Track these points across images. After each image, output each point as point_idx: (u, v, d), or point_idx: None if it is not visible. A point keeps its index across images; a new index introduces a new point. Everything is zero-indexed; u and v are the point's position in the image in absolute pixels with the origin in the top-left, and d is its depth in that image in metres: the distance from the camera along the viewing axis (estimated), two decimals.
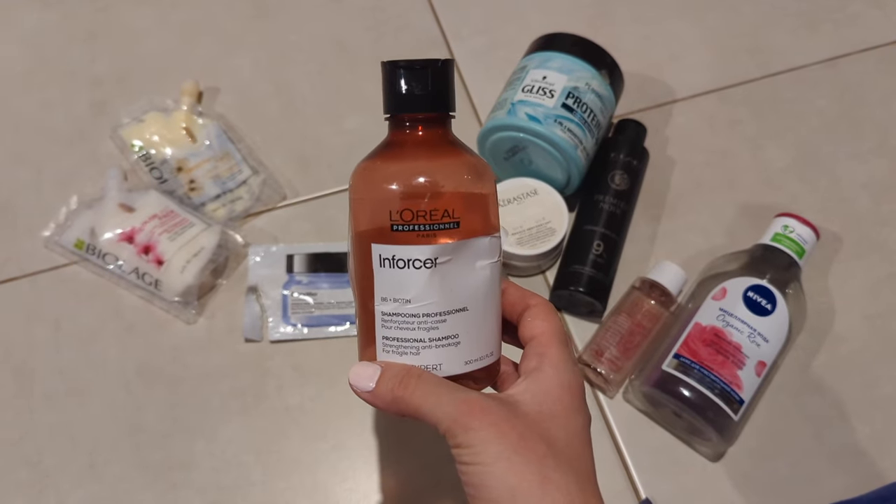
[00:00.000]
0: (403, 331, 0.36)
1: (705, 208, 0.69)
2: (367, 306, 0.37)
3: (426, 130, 0.37)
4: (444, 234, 0.36)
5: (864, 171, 0.71)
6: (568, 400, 0.36)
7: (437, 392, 0.35)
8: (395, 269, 0.36)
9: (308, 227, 0.68)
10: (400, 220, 0.35)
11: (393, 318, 0.36)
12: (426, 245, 0.35)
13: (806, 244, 0.61)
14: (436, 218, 0.35)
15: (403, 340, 0.36)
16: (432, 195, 0.35)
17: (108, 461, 0.58)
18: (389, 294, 0.36)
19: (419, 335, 0.36)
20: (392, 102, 0.37)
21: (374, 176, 0.37)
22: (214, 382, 0.61)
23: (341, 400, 0.61)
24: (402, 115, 0.37)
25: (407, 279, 0.35)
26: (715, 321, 0.58)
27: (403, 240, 0.35)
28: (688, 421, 0.57)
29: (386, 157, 0.37)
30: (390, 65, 0.37)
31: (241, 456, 0.59)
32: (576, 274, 0.62)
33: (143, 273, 0.63)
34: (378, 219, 0.36)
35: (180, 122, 0.70)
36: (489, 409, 0.34)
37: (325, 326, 0.64)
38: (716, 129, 0.74)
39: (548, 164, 0.64)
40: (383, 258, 0.36)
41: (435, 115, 0.37)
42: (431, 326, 0.36)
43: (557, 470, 0.34)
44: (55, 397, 0.61)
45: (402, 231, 0.35)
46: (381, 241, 0.36)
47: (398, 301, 0.36)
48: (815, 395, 0.62)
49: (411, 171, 0.36)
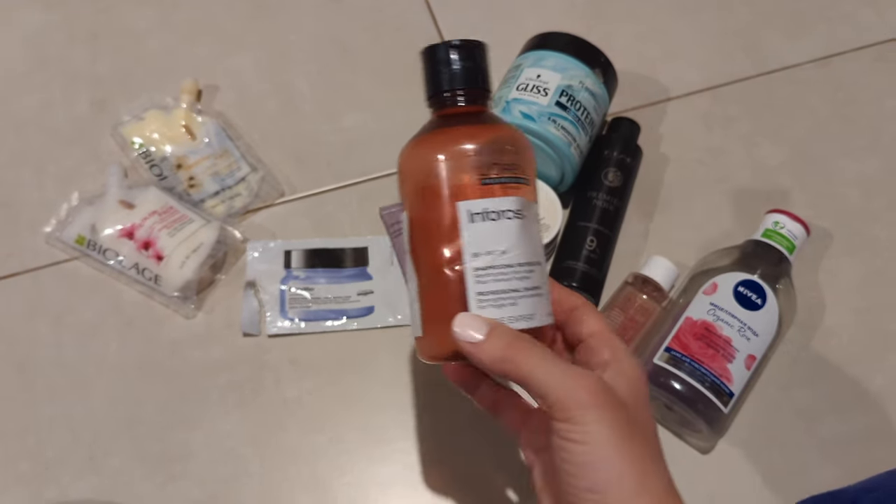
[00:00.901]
0: (500, 282, 0.37)
1: (698, 205, 0.70)
2: (441, 273, 0.38)
3: (473, 105, 0.40)
4: (523, 189, 0.38)
5: (855, 169, 0.72)
6: (646, 390, 0.38)
7: (551, 361, 0.35)
8: (487, 221, 0.37)
9: (306, 224, 0.69)
10: (490, 173, 0.37)
11: (489, 272, 0.37)
12: (514, 196, 0.37)
13: (796, 240, 0.62)
14: (517, 171, 0.38)
15: (501, 292, 0.37)
16: (513, 150, 0.38)
17: (108, 453, 0.59)
18: (483, 248, 0.37)
19: (515, 285, 0.37)
20: (441, 81, 0.40)
21: (448, 139, 0.38)
22: (213, 376, 0.62)
23: (339, 393, 0.62)
24: (455, 91, 0.40)
25: (501, 230, 0.37)
26: (706, 315, 0.59)
27: (493, 193, 0.37)
28: (679, 414, 0.58)
29: (454, 127, 0.39)
30: (444, 45, 0.40)
31: (239, 448, 0.60)
32: (569, 269, 0.63)
33: (143, 268, 0.64)
34: (460, 178, 0.37)
35: (180, 119, 0.71)
36: (603, 391, 0.35)
37: (322, 321, 0.64)
38: (709, 127, 0.74)
39: (542, 162, 0.65)
40: (474, 213, 0.37)
41: (480, 90, 0.40)
42: (525, 275, 0.37)
43: (654, 461, 0.35)
44: (56, 391, 0.62)
45: (491, 184, 0.37)
46: (473, 197, 0.37)
47: (493, 253, 0.37)
48: (805, 388, 0.62)
49: (492, 132, 0.38)
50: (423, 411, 0.61)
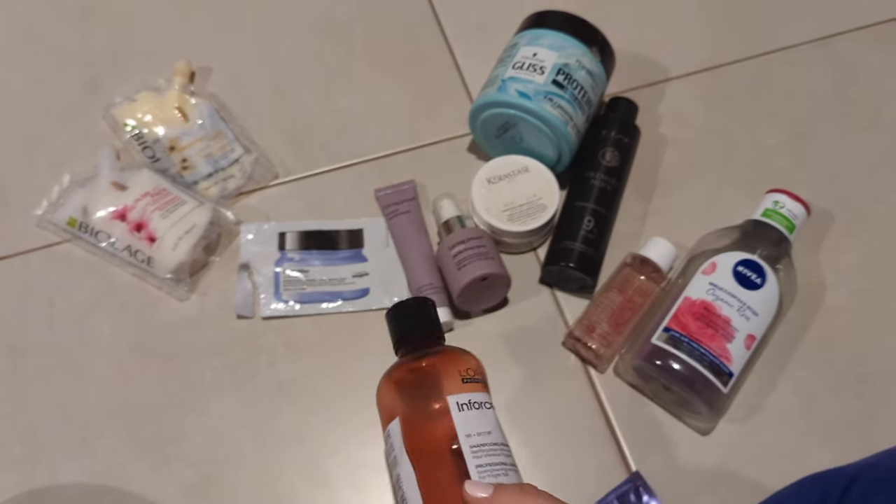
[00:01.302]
0: (492, 456, 0.45)
1: (697, 186, 0.70)
2: (438, 458, 0.45)
3: (429, 344, 0.52)
4: (483, 387, 0.49)
5: (856, 149, 0.71)
6: None
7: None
8: (473, 410, 0.47)
9: (300, 206, 0.68)
10: (468, 374, 0.49)
11: (482, 448, 0.45)
12: (484, 392, 0.49)
13: (796, 219, 0.62)
14: (480, 375, 0.50)
15: (495, 465, 0.45)
16: (475, 363, 0.51)
17: (101, 436, 0.59)
18: (473, 430, 0.46)
19: (503, 459, 0.46)
20: (403, 341, 0.52)
21: (430, 362, 0.50)
22: (207, 358, 0.62)
23: (334, 375, 0.61)
24: (419, 340, 0.52)
25: (484, 416, 0.47)
26: (704, 295, 0.58)
27: (472, 389, 0.48)
28: (677, 394, 0.57)
29: (426, 357, 0.51)
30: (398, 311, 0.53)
31: (232, 430, 0.59)
32: (566, 250, 0.63)
33: (136, 250, 0.64)
34: (449, 382, 0.48)
35: (173, 101, 0.71)
36: None
37: (317, 303, 0.64)
38: (708, 108, 0.74)
39: (539, 141, 0.64)
40: (461, 404, 0.47)
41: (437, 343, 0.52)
42: (507, 452, 0.47)
43: None
44: (48, 373, 0.61)
45: (470, 382, 0.48)
46: (457, 392, 0.47)
47: (482, 434, 0.46)
48: (805, 369, 0.62)
49: (456, 354, 0.51)
50: None
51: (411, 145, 0.71)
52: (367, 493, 0.57)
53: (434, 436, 0.46)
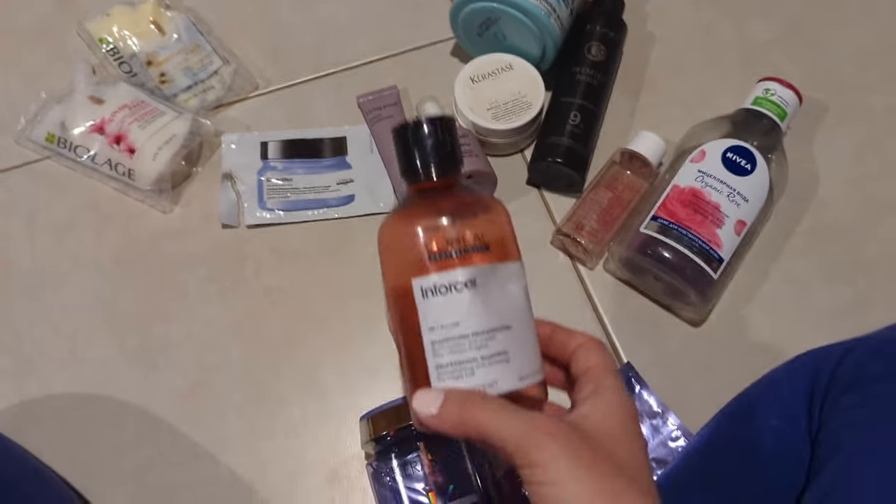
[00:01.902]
0: (455, 354, 0.37)
1: (686, 83, 0.68)
2: (413, 348, 0.38)
3: (441, 179, 0.40)
4: (477, 256, 0.38)
5: (849, 40, 0.69)
6: (629, 422, 0.36)
7: (504, 412, 0.35)
8: (437, 296, 0.37)
9: (281, 116, 0.67)
10: (435, 249, 0.37)
11: (443, 344, 0.37)
12: (465, 267, 0.37)
13: (787, 106, 0.60)
14: (467, 243, 0.38)
15: (457, 363, 0.37)
16: (460, 223, 0.38)
17: (89, 346, 0.59)
18: (437, 322, 0.37)
19: (471, 355, 0.37)
20: (409, 161, 0.40)
21: (403, 221, 0.39)
22: (192, 268, 0.61)
23: (321, 280, 0.61)
24: (418, 170, 0.40)
25: (451, 303, 0.37)
26: (693, 182, 0.57)
27: (441, 267, 0.37)
28: (668, 283, 0.56)
29: (414, 206, 0.40)
30: (401, 129, 0.40)
31: (220, 337, 0.59)
32: (553, 145, 0.61)
33: (116, 163, 0.63)
34: (413, 256, 0.38)
35: (148, 15, 0.69)
36: (558, 428, 0.34)
37: (302, 210, 0.63)
38: (698, 4, 0.71)
39: (522, 37, 0.62)
40: (425, 289, 0.37)
41: (448, 165, 0.40)
42: (482, 344, 0.37)
43: (628, 490, 0.33)
44: (33, 289, 0.60)
45: (439, 259, 0.37)
46: (421, 274, 0.37)
47: (446, 326, 0.37)
48: (799, 259, 0.61)
49: (438, 208, 0.39)
50: None
51: (393, 51, 0.70)
52: (356, 395, 0.57)
53: (401, 323, 0.39)
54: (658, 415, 0.55)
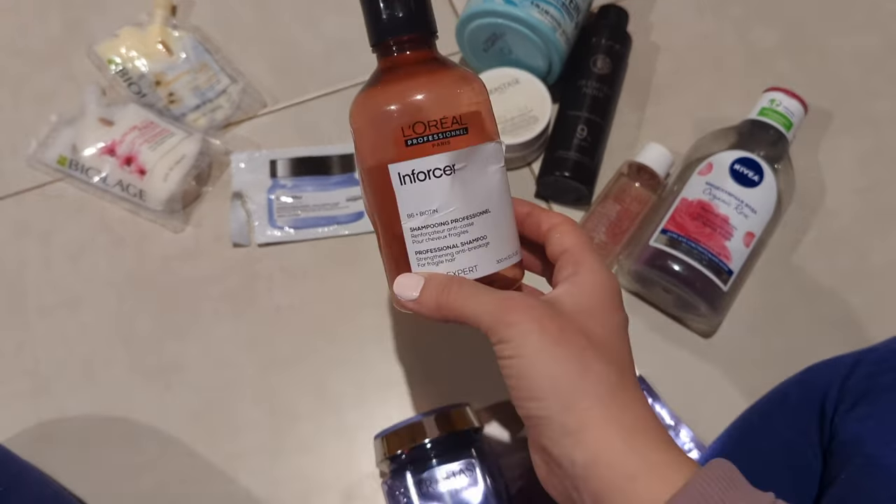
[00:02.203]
0: (435, 240, 0.37)
1: (692, 93, 0.68)
2: (392, 232, 0.38)
3: (414, 51, 0.38)
4: (456, 140, 0.36)
5: (853, 46, 0.70)
6: (606, 298, 0.37)
7: (479, 294, 0.36)
8: (416, 182, 0.36)
9: (290, 133, 0.68)
10: (413, 133, 0.36)
11: (423, 231, 0.37)
12: (443, 153, 0.36)
13: (793, 117, 0.60)
14: (446, 126, 0.36)
15: (437, 250, 0.37)
16: (438, 104, 0.36)
17: (105, 367, 0.59)
18: (415, 208, 0.37)
19: (451, 241, 0.37)
20: (378, 30, 0.38)
21: (377, 101, 0.37)
22: (205, 288, 0.62)
23: (333, 297, 0.61)
24: (390, 41, 0.37)
25: (430, 189, 0.36)
26: (701, 195, 0.57)
27: (420, 152, 0.36)
28: (677, 295, 0.57)
29: (383, 83, 0.38)
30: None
31: (234, 356, 0.59)
32: (561, 159, 0.62)
33: (127, 184, 0.63)
34: (389, 141, 0.36)
35: (156, 35, 0.69)
36: (529, 305, 0.35)
37: (312, 228, 0.63)
38: (701, 12, 0.72)
39: (528, 52, 0.63)
40: (403, 175, 0.36)
41: (419, 34, 0.38)
42: (461, 230, 0.37)
43: (597, 361, 0.34)
44: (48, 309, 0.61)
45: (416, 144, 0.36)
46: (398, 160, 0.36)
47: (425, 213, 0.37)
48: (807, 268, 0.61)
49: (413, 87, 0.36)
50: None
51: None
52: (370, 411, 0.58)
53: (379, 210, 0.38)
54: (671, 427, 0.55)
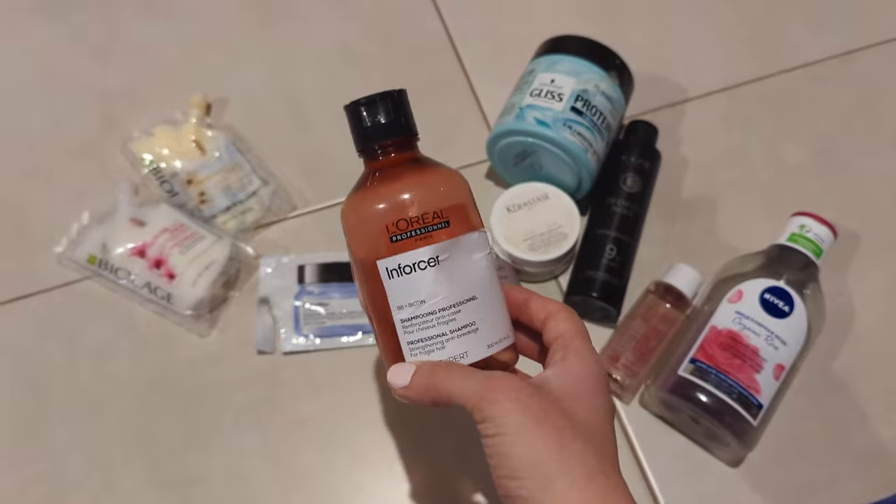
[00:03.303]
0: (424, 330, 0.39)
1: (720, 209, 0.68)
2: (385, 323, 0.40)
3: (397, 154, 0.41)
4: (438, 233, 0.39)
5: (882, 167, 0.70)
6: (591, 383, 0.38)
7: (465, 375, 0.38)
8: (402, 276, 0.39)
9: (319, 237, 0.68)
10: (397, 230, 0.39)
11: (413, 322, 0.39)
12: (427, 246, 0.39)
13: (823, 243, 0.60)
14: (427, 221, 0.39)
15: (427, 339, 0.39)
16: (419, 202, 0.39)
17: (124, 476, 0.59)
18: (404, 301, 0.39)
19: (440, 330, 0.39)
20: (363, 136, 0.41)
21: (364, 202, 0.40)
22: (228, 395, 0.61)
23: (355, 410, 0.61)
24: (374, 146, 0.41)
25: (416, 282, 0.39)
26: (731, 324, 0.57)
27: (404, 247, 0.39)
28: (706, 426, 0.56)
29: (370, 185, 0.41)
30: (353, 105, 0.41)
31: (256, 469, 0.59)
32: (589, 279, 0.62)
33: (155, 287, 0.63)
34: (376, 239, 0.39)
35: (190, 134, 0.70)
36: (512, 384, 0.36)
37: (337, 337, 0.63)
38: (729, 128, 0.72)
39: (558, 169, 0.63)
40: (390, 270, 0.39)
41: (401, 138, 0.41)
42: (449, 319, 0.39)
43: (576, 440, 0.35)
44: (71, 413, 0.61)
45: (401, 240, 0.39)
46: (385, 256, 0.39)
47: (413, 304, 0.39)
48: (836, 397, 0.60)
49: (397, 188, 0.40)
50: (443, 427, 0.60)
51: None
52: None
53: (371, 303, 0.41)
54: None
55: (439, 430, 0.60)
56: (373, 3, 0.80)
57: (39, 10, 0.79)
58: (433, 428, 0.60)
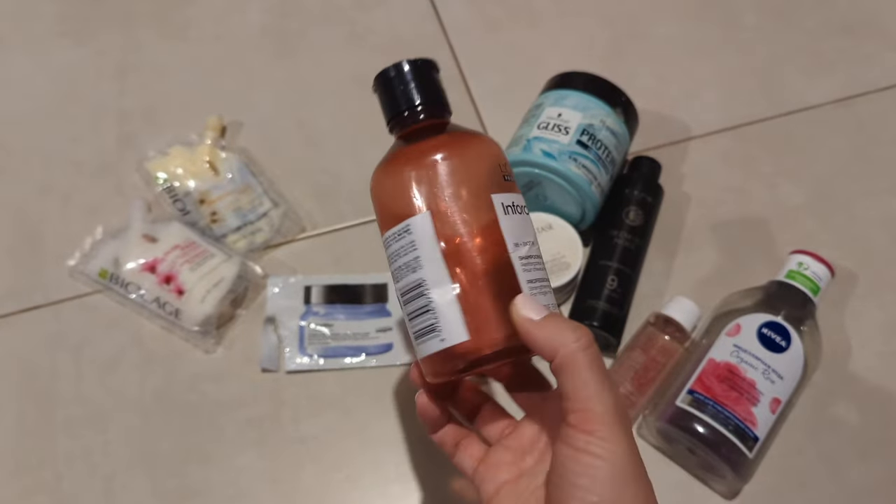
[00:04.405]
0: (538, 271, 0.39)
1: (720, 245, 0.70)
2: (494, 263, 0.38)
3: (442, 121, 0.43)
4: (513, 183, 0.41)
5: (879, 209, 0.71)
6: None
7: (599, 372, 0.35)
8: (517, 214, 0.39)
9: (326, 259, 0.69)
10: (506, 171, 0.40)
11: (530, 260, 0.38)
12: (518, 192, 0.41)
13: (821, 281, 0.62)
14: (509, 171, 0.41)
15: (541, 280, 0.39)
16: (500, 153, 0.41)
17: (125, 488, 0.59)
18: (520, 238, 0.38)
19: (544, 275, 0.40)
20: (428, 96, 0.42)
21: (472, 142, 0.41)
22: (231, 411, 0.62)
23: (356, 431, 0.61)
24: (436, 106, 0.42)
25: (527, 222, 0.40)
26: (729, 357, 0.58)
27: (511, 188, 0.40)
28: (702, 458, 0.57)
29: (461, 131, 0.42)
30: (424, 65, 0.42)
31: (255, 485, 0.59)
32: (590, 308, 0.63)
33: (164, 302, 0.65)
34: (488, 176, 0.39)
35: (204, 155, 0.72)
36: (625, 414, 0.36)
37: (340, 357, 0.64)
38: (730, 167, 0.74)
39: (563, 200, 0.65)
40: (506, 206, 0.39)
41: (439, 113, 0.43)
42: (545, 266, 0.40)
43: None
44: (75, 424, 0.62)
45: (509, 181, 0.40)
46: (504, 191, 0.39)
47: (528, 244, 0.39)
48: (831, 433, 0.61)
49: (485, 140, 0.41)
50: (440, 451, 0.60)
51: None
52: None
53: (476, 241, 0.38)
54: None
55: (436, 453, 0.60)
56: (388, 36, 0.83)
57: (66, 33, 0.82)
58: (431, 452, 0.60)
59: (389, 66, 0.42)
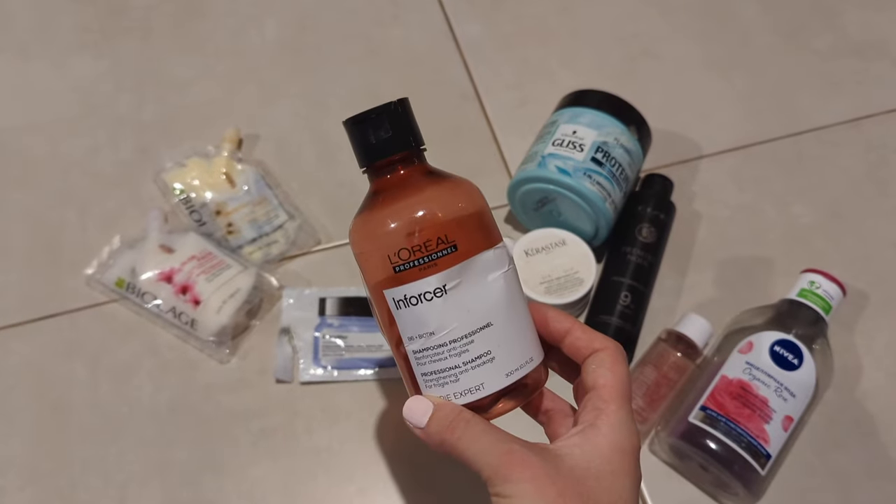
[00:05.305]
0: (437, 363, 0.37)
1: (731, 263, 0.70)
2: (400, 350, 0.39)
3: (404, 169, 0.39)
4: (445, 260, 0.36)
5: (890, 230, 0.72)
6: (618, 461, 0.36)
7: (483, 439, 0.36)
8: (410, 307, 0.37)
9: (341, 272, 0.70)
10: (399, 260, 0.36)
11: (424, 354, 0.37)
12: (432, 276, 0.36)
13: (832, 300, 0.62)
14: (431, 248, 0.36)
15: (440, 371, 0.37)
16: (420, 228, 0.36)
17: (139, 497, 0.59)
18: (413, 332, 0.37)
19: (452, 362, 0.37)
20: (364, 154, 0.39)
21: (366, 227, 0.38)
22: (245, 421, 0.63)
23: (369, 443, 0.62)
24: (376, 163, 0.39)
25: (424, 313, 0.36)
26: (741, 374, 0.58)
27: (409, 278, 0.36)
28: (714, 474, 0.57)
29: (373, 207, 0.38)
30: (351, 121, 0.39)
31: (268, 495, 0.60)
32: (603, 324, 0.63)
33: (180, 312, 0.65)
34: (382, 266, 0.37)
35: (221, 167, 0.73)
36: (530, 463, 0.35)
37: (354, 369, 0.65)
38: (742, 186, 0.75)
39: (576, 216, 0.66)
40: (397, 301, 0.37)
41: (405, 153, 0.39)
42: (461, 350, 0.37)
43: None
44: (90, 432, 0.62)
45: (405, 270, 0.36)
46: (391, 286, 0.37)
47: (423, 336, 0.37)
48: (842, 452, 0.61)
49: (397, 212, 0.37)
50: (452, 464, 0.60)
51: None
52: None
53: (391, 331, 0.39)
54: None
55: (447, 466, 0.60)
56: (403, 53, 0.84)
57: (86, 47, 0.83)
58: (442, 464, 0.61)
59: None
